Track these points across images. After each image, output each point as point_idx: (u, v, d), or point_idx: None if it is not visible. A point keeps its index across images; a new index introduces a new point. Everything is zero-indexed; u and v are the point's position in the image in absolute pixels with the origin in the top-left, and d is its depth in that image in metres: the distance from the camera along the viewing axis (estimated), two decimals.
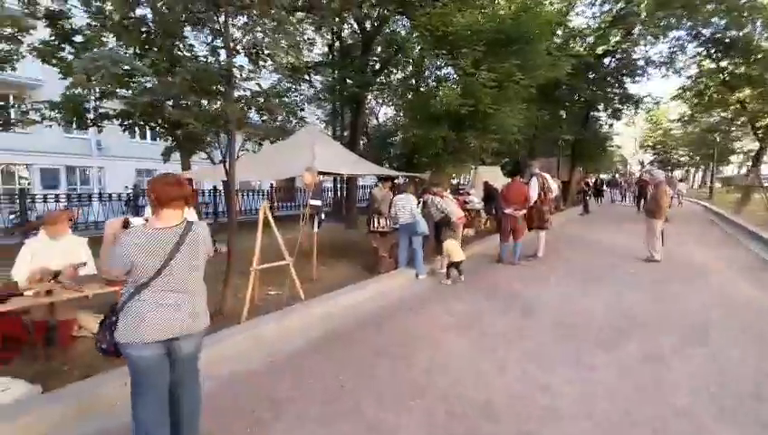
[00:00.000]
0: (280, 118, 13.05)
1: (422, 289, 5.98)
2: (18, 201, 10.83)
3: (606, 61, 17.38)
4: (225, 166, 4.81)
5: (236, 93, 5.57)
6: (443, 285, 6.15)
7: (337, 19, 8.17)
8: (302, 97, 12.12)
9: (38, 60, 7.99)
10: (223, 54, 4.46)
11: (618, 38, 15.96)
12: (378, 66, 10.86)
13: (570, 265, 7.39)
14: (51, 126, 7.99)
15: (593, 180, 23.27)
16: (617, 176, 31.35)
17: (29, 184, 17.37)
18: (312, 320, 4.61)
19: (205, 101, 4.90)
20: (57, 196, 12.75)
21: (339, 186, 14.74)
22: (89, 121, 7.87)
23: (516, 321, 4.64)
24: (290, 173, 6.34)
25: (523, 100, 7.83)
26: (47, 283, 3.51)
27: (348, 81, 10.48)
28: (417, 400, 3.00)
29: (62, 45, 7.86)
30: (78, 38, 7.82)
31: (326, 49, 12.97)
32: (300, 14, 9.11)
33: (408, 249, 6.56)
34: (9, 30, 7.37)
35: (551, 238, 8.89)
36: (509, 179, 8.20)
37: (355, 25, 10.60)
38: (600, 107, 20.26)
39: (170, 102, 5.42)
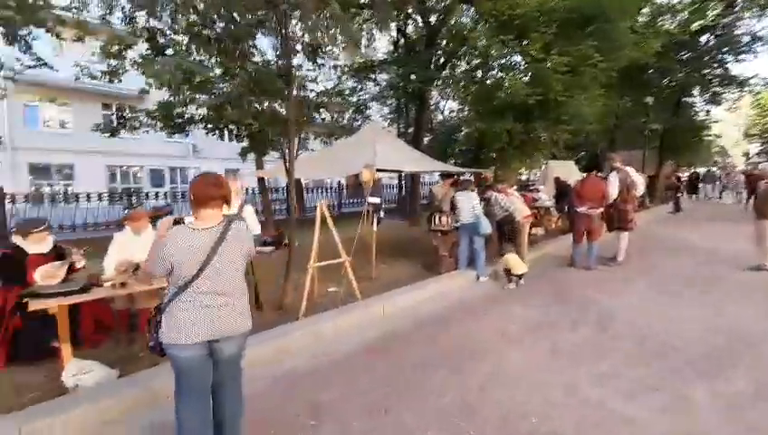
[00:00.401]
0: (345, 116, 13.19)
1: (483, 292, 5.50)
2: (127, 198, 12.23)
3: (702, 39, 14.91)
4: (285, 164, 4.78)
5: (302, 94, 5.56)
6: (506, 290, 5.61)
7: (399, 14, 7.88)
8: (367, 95, 12.04)
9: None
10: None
11: (717, 11, 13.53)
12: (442, 60, 10.37)
13: (657, 271, 6.37)
14: (147, 131, 8.71)
15: (687, 174, 20.44)
16: (714, 169, 27.02)
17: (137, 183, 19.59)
18: (369, 320, 4.42)
19: (266, 102, 4.91)
20: (165, 193, 14.25)
21: (403, 183, 14.48)
22: (178, 126, 8.43)
23: (590, 335, 4.01)
24: (350, 171, 6.21)
25: (602, 85, 6.85)
26: (125, 274, 3.70)
27: (412, 76, 10.14)
28: (468, 422, 2.63)
29: (157, 58, 8.53)
30: (169, 51, 8.43)
31: (391, 47, 12.74)
32: (364, 13, 8.97)
33: (469, 249, 6.10)
34: (117, 47, 8.16)
35: (635, 240, 7.79)
36: (583, 175, 7.28)
37: (419, 20, 10.20)
38: (695, 91, 17.60)
39: (230, 104, 5.54)
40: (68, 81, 12.98)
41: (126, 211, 4.62)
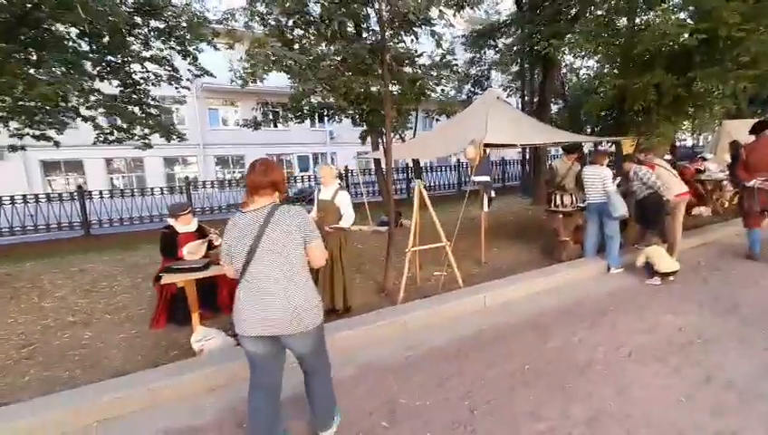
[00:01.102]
0: (464, 89, 12.17)
1: (613, 288, 4.39)
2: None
3: None
4: (382, 145, 4.50)
5: (406, 70, 5.11)
6: (646, 286, 4.37)
7: None
8: (486, 64, 10.82)
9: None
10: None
11: None
12: (574, 11, 8.53)
13: None
14: (287, 123, 9.42)
15: None
16: None
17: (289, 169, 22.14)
18: (467, 312, 3.93)
19: (368, 82, 4.64)
20: (309, 176, 15.79)
21: (527, 157, 12.90)
22: (306, 115, 8.89)
23: (762, 364, 2.75)
24: (455, 149, 5.58)
25: None
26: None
27: (535, 36, 8.66)
28: None
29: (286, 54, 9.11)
30: (296, 46, 8.91)
31: (514, 7, 11.12)
32: None
33: (599, 234, 4.94)
34: (256, 49, 8.99)
35: None
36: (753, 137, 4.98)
37: None
38: None
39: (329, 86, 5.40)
40: (235, 86, 15.38)
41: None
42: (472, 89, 12.15)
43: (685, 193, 4.93)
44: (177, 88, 9.39)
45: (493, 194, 5.11)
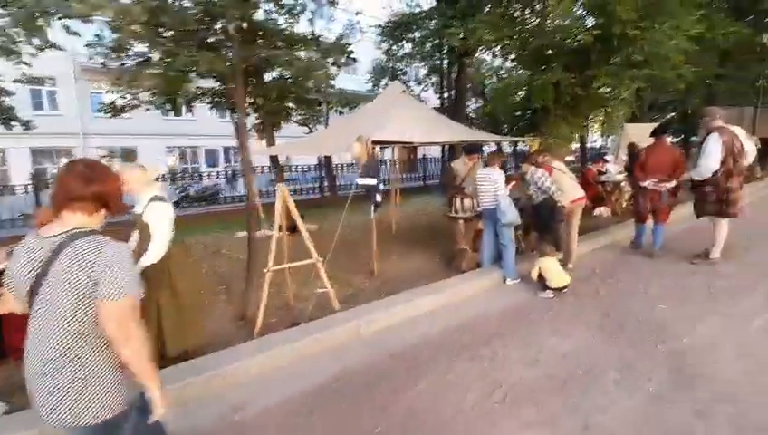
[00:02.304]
0: (383, 83, 11.68)
1: (506, 305, 4.02)
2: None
3: None
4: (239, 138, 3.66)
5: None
6: (539, 299, 4.07)
7: None
8: (399, 55, 10.40)
9: None
10: None
11: None
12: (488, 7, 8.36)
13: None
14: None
15: None
16: None
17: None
18: (331, 346, 3.26)
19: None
20: (217, 173, 14.20)
21: (445, 156, 12.80)
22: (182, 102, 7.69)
23: (656, 402, 2.45)
24: (344, 146, 4.94)
25: (698, 5, 4.52)
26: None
27: (450, 29, 8.36)
28: None
29: None
30: None
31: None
32: None
33: (495, 242, 4.61)
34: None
35: (735, 225, 5.63)
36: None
37: None
38: None
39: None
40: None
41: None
42: (392, 82, 11.68)
43: (580, 198, 4.77)
44: (17, 63, 7.59)
45: (379, 199, 4.52)
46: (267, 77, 7.14)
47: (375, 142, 4.56)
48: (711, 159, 4.42)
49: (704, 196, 4.70)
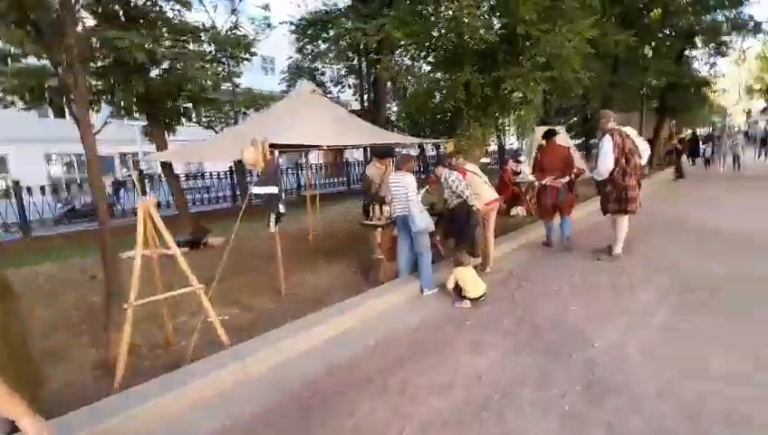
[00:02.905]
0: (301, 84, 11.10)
1: (422, 319, 3.75)
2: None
3: None
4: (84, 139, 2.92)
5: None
6: (456, 309, 3.88)
7: None
8: (314, 54, 9.93)
9: None
10: None
11: None
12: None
13: (669, 271, 4.59)
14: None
15: (687, 136, 18.45)
16: (714, 131, 24.68)
17: None
18: (205, 395, 2.68)
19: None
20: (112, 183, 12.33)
21: (369, 158, 12.54)
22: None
23: (574, 415, 2.28)
24: (236, 152, 4.35)
25: (593, 12, 4.81)
26: None
27: (363, 26, 8.09)
28: None
29: None
30: None
31: None
32: None
33: (411, 250, 4.35)
34: None
35: (634, 220, 6.06)
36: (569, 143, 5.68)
37: None
38: (699, 42, 15.39)
39: None
40: None
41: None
42: (303, 82, 11.13)
43: (495, 200, 4.72)
44: None
45: (282, 209, 4.01)
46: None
47: (274, 146, 4.05)
48: (606, 159, 4.68)
49: (606, 195, 4.96)
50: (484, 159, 11.55)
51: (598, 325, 3.35)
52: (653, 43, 14.27)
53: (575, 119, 17.29)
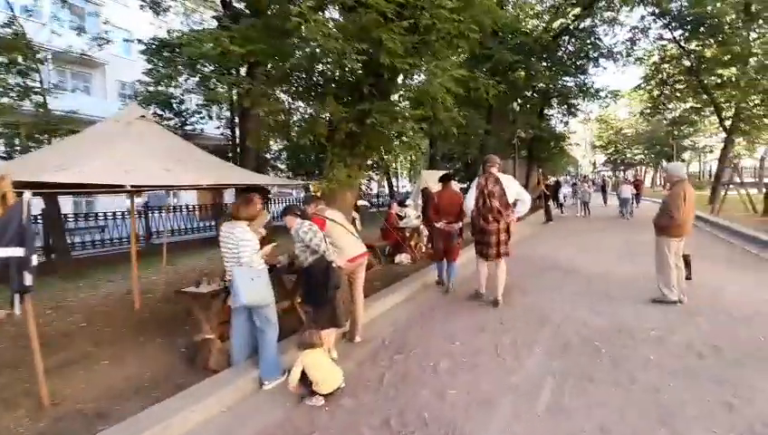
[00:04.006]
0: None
1: (258, 428, 2.66)
2: None
3: (564, 39, 14.66)
4: None
5: None
6: (307, 410, 2.87)
7: None
8: (168, 79, 8.57)
9: None
10: None
11: (577, 11, 13.19)
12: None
13: (552, 327, 4.28)
14: None
15: (551, 183, 21.04)
16: (571, 177, 29.15)
17: None
18: None
19: None
20: None
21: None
22: None
23: None
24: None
25: (460, 55, 4.65)
26: None
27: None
28: None
29: None
30: None
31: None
32: None
33: (248, 327, 3.28)
34: None
35: (516, 268, 5.96)
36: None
37: None
38: (555, 103, 17.99)
39: None
40: None
41: None
42: (160, 111, 9.58)
43: (361, 255, 3.95)
44: None
45: (29, 281, 2.65)
46: None
47: (33, 186, 2.74)
48: (469, 200, 4.94)
49: (475, 238, 5.09)
50: (361, 202, 11.06)
51: (480, 416, 2.67)
52: (519, 100, 16.13)
53: (458, 165, 18.43)
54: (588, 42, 14.30)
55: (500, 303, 4.86)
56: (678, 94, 16.88)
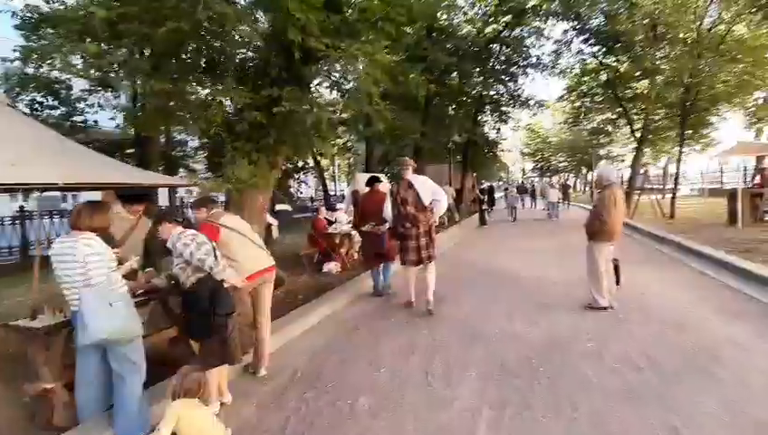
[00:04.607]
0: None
1: None
2: None
3: (495, 47, 15.04)
4: None
5: None
6: None
7: None
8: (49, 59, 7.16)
9: None
10: None
11: (508, 18, 13.55)
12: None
13: (485, 345, 3.91)
14: None
15: (485, 187, 21.69)
16: (503, 183, 30.66)
17: None
18: None
19: None
20: None
21: None
22: None
23: None
24: None
25: (388, 38, 4.14)
26: None
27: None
28: None
29: None
30: None
31: None
32: None
33: (101, 371, 2.46)
34: None
35: (443, 268, 5.61)
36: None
37: None
38: (488, 109, 18.49)
39: None
40: None
41: None
42: (41, 99, 8.02)
43: (266, 270, 3.25)
44: None
45: None
46: None
47: None
48: (386, 210, 4.95)
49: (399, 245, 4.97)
50: (282, 206, 10.22)
51: None
52: (454, 105, 16.30)
53: (396, 168, 18.23)
54: (517, 50, 14.81)
55: (432, 313, 4.57)
56: (597, 106, 18.16)
